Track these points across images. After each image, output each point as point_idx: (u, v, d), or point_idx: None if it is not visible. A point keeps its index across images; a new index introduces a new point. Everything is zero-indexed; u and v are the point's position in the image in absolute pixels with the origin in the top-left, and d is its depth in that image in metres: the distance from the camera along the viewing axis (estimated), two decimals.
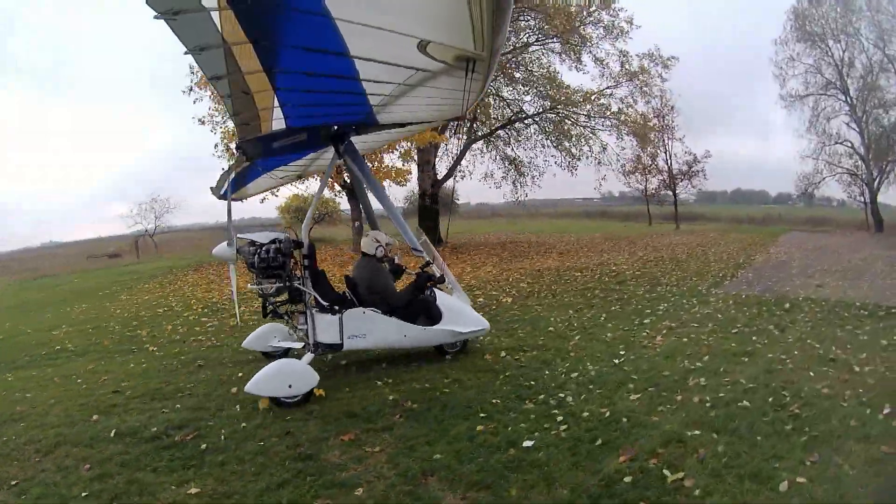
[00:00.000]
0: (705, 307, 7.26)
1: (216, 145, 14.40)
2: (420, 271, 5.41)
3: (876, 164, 23.88)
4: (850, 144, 24.32)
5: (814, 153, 25.09)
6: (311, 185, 16.00)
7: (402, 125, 5.06)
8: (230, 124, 12.60)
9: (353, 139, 5.17)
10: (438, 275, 5.39)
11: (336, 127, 4.98)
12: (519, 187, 20.32)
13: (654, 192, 27.56)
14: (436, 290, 5.37)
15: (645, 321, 6.67)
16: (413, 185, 18.21)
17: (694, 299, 7.86)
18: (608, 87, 19.00)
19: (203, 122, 14.28)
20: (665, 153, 26.50)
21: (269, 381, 4.22)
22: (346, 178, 14.26)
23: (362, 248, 5.42)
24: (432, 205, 18.17)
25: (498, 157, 20.15)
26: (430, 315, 5.17)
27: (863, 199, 24.65)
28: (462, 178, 20.49)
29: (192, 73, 14.00)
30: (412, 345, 5.29)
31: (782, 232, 21.56)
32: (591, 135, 19.27)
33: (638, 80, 18.84)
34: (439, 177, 19.15)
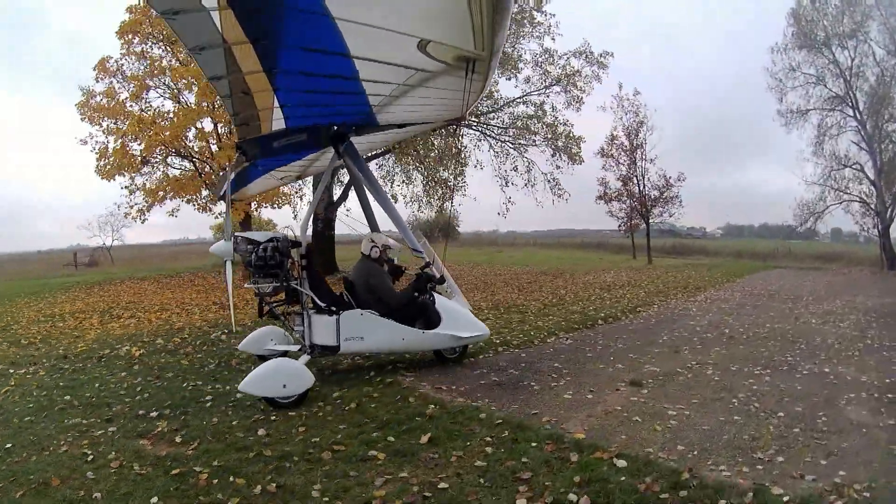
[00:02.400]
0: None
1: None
2: (420, 272, 5.39)
3: (889, 191, 20.05)
4: (858, 167, 20.65)
5: (820, 178, 21.38)
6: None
7: (402, 126, 5.06)
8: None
9: (353, 140, 5.18)
10: (438, 276, 5.37)
11: (336, 127, 4.98)
12: (449, 205, 17.03)
13: (623, 221, 23.26)
14: (435, 293, 5.29)
15: None
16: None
17: None
18: (527, 94, 16.10)
19: (85, 143, 12.86)
20: (636, 177, 22.39)
21: (264, 380, 4.19)
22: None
23: (361, 250, 5.42)
24: (325, 230, 15.23)
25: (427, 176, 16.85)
26: (429, 319, 5.10)
27: (877, 232, 20.66)
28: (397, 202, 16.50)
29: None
30: (410, 349, 5.24)
31: (762, 269, 18.97)
32: (511, 150, 16.40)
33: (569, 82, 15.97)
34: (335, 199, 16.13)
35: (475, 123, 15.91)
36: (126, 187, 12.95)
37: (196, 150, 12.82)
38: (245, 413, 4.14)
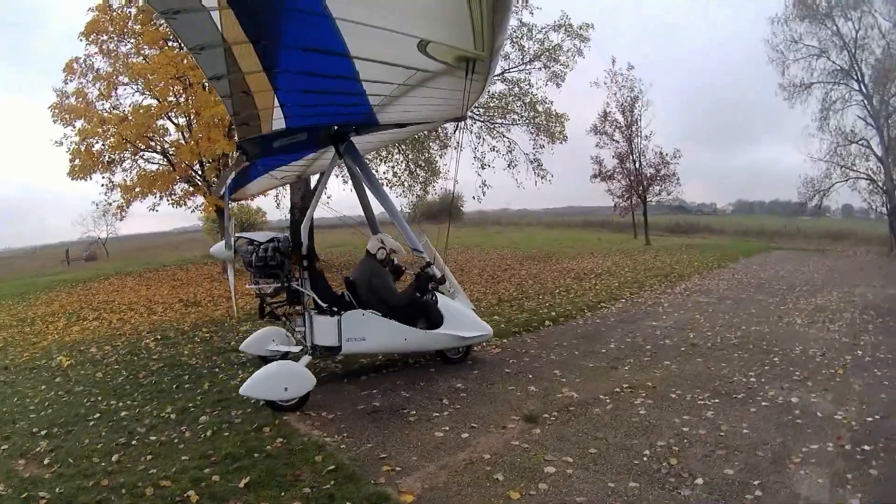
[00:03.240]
0: None
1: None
2: (420, 272, 5.37)
3: None
4: (865, 143, 19.58)
5: (826, 155, 20.31)
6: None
7: (403, 125, 5.06)
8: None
9: (354, 139, 5.17)
10: (439, 276, 5.36)
11: (336, 127, 4.98)
12: (430, 189, 16.94)
13: (618, 200, 22.51)
14: (437, 293, 5.26)
15: None
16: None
17: None
18: (505, 71, 15.43)
19: (60, 144, 12.74)
20: (632, 154, 21.73)
21: (265, 383, 4.18)
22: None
23: (367, 247, 5.38)
24: (301, 219, 15.68)
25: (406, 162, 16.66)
26: (431, 319, 5.07)
27: (884, 210, 19.87)
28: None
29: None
30: (413, 349, 5.21)
31: (762, 251, 17.99)
32: (487, 133, 15.83)
33: (550, 57, 15.38)
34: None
35: None
36: (104, 185, 13.05)
37: (168, 144, 12.85)
38: (114, 435, 3.97)
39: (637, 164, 21.67)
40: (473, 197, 17.19)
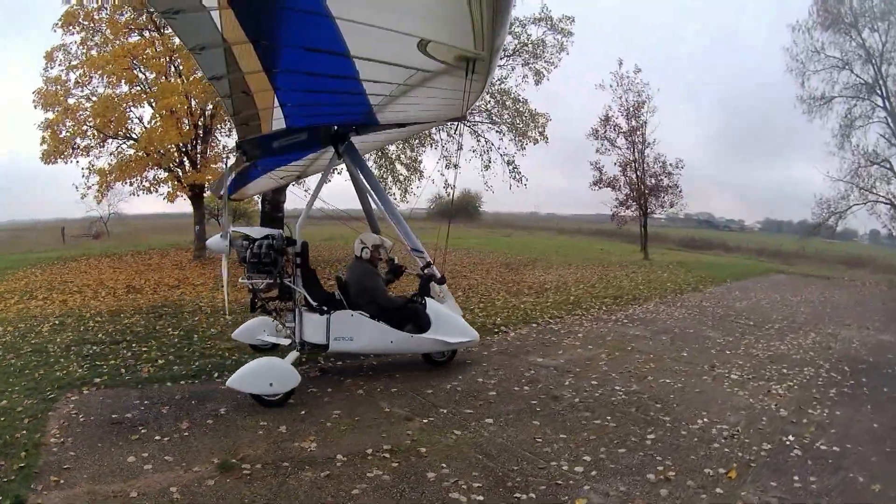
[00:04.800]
0: None
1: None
2: (421, 273, 5.40)
3: None
4: (888, 165, 18.20)
5: (847, 175, 18.71)
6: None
7: (403, 125, 5.06)
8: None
9: (354, 139, 5.18)
10: (439, 275, 5.38)
11: (336, 127, 4.98)
12: (407, 194, 16.21)
13: (615, 210, 20.86)
14: (427, 298, 5.32)
15: None
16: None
17: None
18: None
19: (48, 128, 12.80)
20: (634, 161, 20.04)
21: (252, 377, 4.26)
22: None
23: (354, 251, 5.43)
24: (273, 212, 14.32)
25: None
26: (419, 323, 5.14)
27: None
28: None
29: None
30: (398, 351, 5.29)
31: (761, 273, 16.18)
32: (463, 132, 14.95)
33: (531, 54, 14.67)
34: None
35: None
36: (85, 168, 13.22)
37: (135, 132, 13.08)
38: None
39: (639, 173, 20.08)
40: (440, 196, 16.51)
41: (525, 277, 12.94)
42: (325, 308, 4.85)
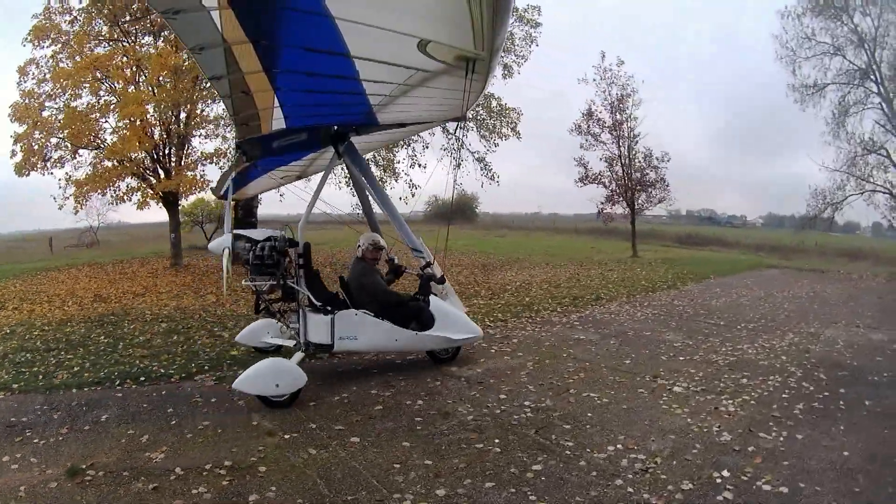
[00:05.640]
0: None
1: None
2: (421, 272, 5.41)
3: None
4: (885, 154, 17.55)
5: (843, 164, 18.15)
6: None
7: (402, 125, 5.06)
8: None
9: (354, 139, 5.18)
10: (440, 275, 5.38)
11: (336, 127, 4.99)
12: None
13: (601, 207, 20.17)
14: (430, 295, 5.32)
15: None
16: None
17: None
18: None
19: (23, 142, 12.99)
20: (620, 156, 19.40)
21: (258, 378, 4.24)
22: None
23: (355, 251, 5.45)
24: (245, 217, 14.15)
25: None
26: (423, 320, 5.15)
27: None
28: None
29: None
30: (403, 349, 5.31)
31: (751, 268, 15.35)
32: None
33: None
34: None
35: None
36: (61, 179, 13.27)
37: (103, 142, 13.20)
38: None
39: (625, 168, 19.46)
40: (400, 198, 15.47)
41: (493, 278, 12.48)
42: (329, 308, 4.85)
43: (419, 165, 15.63)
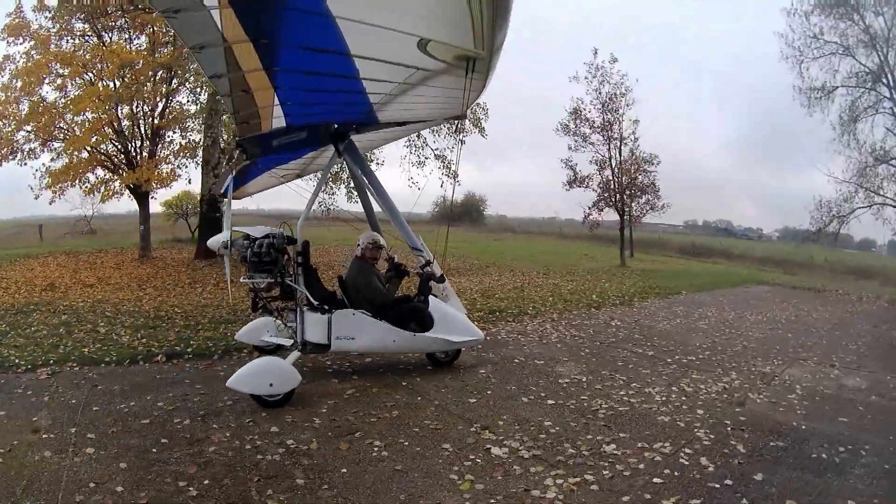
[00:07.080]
0: None
1: None
2: (420, 272, 5.40)
3: None
4: (895, 165, 16.49)
5: (854, 175, 16.83)
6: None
7: (402, 124, 5.06)
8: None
9: (354, 137, 5.18)
10: (439, 273, 5.37)
11: (336, 125, 4.98)
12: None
13: (587, 213, 19.02)
14: (430, 296, 5.27)
15: None
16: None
17: None
18: None
19: None
20: (610, 158, 18.38)
21: (252, 377, 4.22)
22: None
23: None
24: (209, 212, 13.69)
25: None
26: (422, 321, 5.11)
27: None
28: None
29: None
30: (401, 350, 5.27)
31: (740, 283, 14.21)
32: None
33: None
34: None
35: None
36: (38, 170, 13.40)
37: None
38: None
39: (614, 172, 18.44)
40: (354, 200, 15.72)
41: (462, 282, 11.65)
42: (327, 307, 4.82)
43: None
